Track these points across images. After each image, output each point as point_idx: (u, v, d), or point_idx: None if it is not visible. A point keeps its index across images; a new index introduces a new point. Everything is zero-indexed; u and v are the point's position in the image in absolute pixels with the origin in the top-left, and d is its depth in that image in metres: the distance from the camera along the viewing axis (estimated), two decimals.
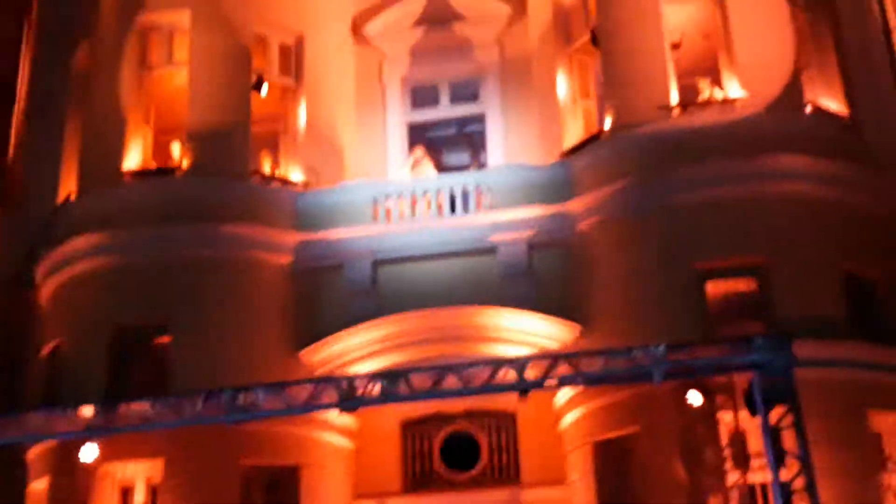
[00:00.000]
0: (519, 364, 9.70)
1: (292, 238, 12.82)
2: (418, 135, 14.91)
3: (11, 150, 16.08)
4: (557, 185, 12.47)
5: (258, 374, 11.41)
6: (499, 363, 9.81)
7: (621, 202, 11.90)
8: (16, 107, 16.66)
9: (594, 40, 13.09)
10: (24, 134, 16.03)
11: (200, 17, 13.54)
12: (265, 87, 13.69)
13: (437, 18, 15.13)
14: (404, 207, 12.88)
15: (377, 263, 12.67)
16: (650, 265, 11.59)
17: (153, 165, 13.36)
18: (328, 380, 10.16)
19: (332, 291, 12.66)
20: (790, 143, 11.62)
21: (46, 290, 13.22)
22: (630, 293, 11.66)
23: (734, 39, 12.28)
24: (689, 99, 12.44)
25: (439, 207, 12.83)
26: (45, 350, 12.89)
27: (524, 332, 12.00)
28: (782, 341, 9.35)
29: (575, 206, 12.33)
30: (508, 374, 9.65)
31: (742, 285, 11.40)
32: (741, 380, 9.81)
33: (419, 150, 14.14)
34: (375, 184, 13.21)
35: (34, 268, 13.38)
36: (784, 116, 11.90)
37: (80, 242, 12.72)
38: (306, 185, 13.48)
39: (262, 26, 13.88)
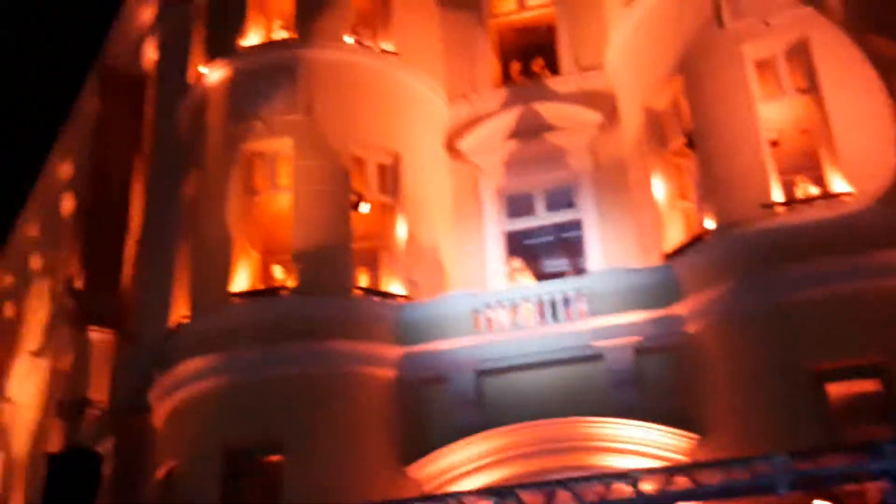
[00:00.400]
0: (633, 477, 9.38)
1: (396, 351, 12.96)
2: (516, 243, 15.03)
3: (126, 280, 16.87)
4: (662, 289, 12.35)
5: (367, 492, 11.40)
6: (612, 477, 9.51)
7: (730, 304, 11.66)
8: (128, 237, 17.58)
9: (690, 142, 13.09)
10: (137, 263, 16.81)
11: (302, 144, 14.10)
12: (365, 206, 14.12)
13: (529, 130, 15.41)
14: (505, 317, 12.91)
15: (481, 374, 12.67)
16: (765, 369, 11.23)
17: (260, 287, 13.75)
18: (436, 498, 10.02)
19: (437, 404, 12.68)
20: None
21: (160, 414, 13.56)
22: (746, 399, 11.30)
23: (835, 134, 12.09)
24: (792, 196, 12.25)
25: (541, 315, 12.81)
26: (160, 473, 13.14)
27: (636, 443, 11.70)
28: None
29: (681, 309, 12.15)
30: (623, 488, 9.34)
31: (864, 386, 10.92)
32: (873, 488, 9.26)
33: (516, 261, 14.22)
34: (476, 294, 13.28)
35: (148, 392, 13.78)
36: (893, 210, 11.59)
37: (191, 365, 13.08)
38: (407, 298, 13.67)
39: (360, 149, 14.37)
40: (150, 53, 19.75)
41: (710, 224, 12.47)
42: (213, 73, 15.15)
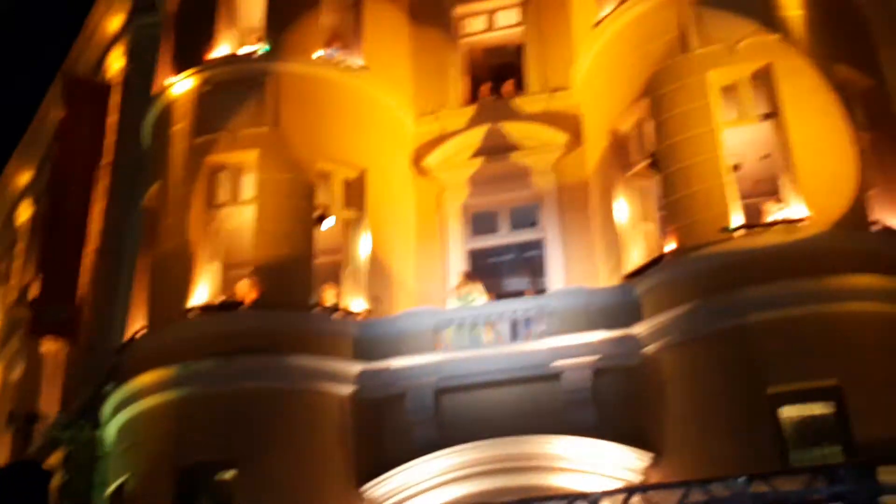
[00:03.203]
0: (593, 498, 9.50)
1: (355, 368, 12.96)
2: (479, 261, 15.13)
3: (83, 290, 16.75)
4: (621, 309, 12.45)
5: None
6: (573, 497, 9.62)
7: (688, 325, 11.79)
8: (87, 246, 17.48)
9: (653, 164, 13.25)
10: (95, 273, 16.72)
11: (267, 157, 14.12)
12: (329, 221, 14.15)
13: (495, 149, 15.56)
14: (466, 335, 12.98)
15: (440, 392, 12.69)
16: (721, 391, 11.36)
17: (220, 300, 13.70)
18: None
19: (395, 421, 12.69)
20: (857, 261, 11.45)
21: (112, 428, 13.46)
22: (702, 421, 11.40)
23: (795, 162, 12.29)
24: (753, 220, 12.41)
25: (501, 334, 12.88)
26: (111, 488, 13.03)
27: (593, 462, 11.76)
28: (865, 470, 9.02)
29: (640, 329, 12.26)
30: None
31: (819, 409, 11.06)
32: None
33: (461, 275, 14.33)
34: (437, 312, 13.34)
35: (101, 405, 13.67)
36: (850, 235, 11.78)
37: (146, 378, 13.00)
38: (368, 314, 13.71)
39: (326, 162, 14.40)
40: (117, 62, 19.74)
41: (670, 246, 12.63)
42: (179, 84, 15.13)
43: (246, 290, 13.59)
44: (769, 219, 12.28)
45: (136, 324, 14.46)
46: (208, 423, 12.49)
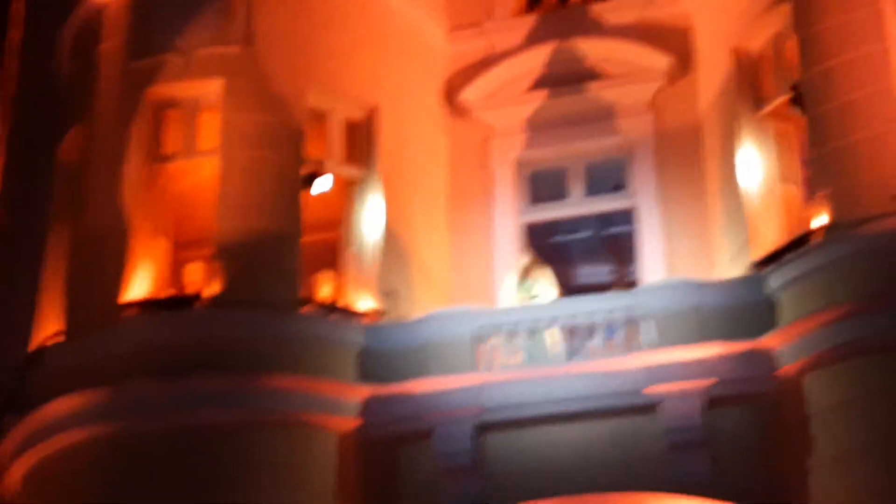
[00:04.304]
0: None
1: (360, 392, 13.02)
2: (540, 240, 15.23)
3: None
4: (746, 312, 12.43)
5: None
6: None
7: (848, 335, 11.71)
8: None
9: (798, 100, 13.19)
10: None
11: (236, 89, 14.16)
12: (325, 181, 14.24)
13: (565, 77, 15.61)
14: (520, 347, 12.99)
15: (482, 428, 12.73)
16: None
17: (167, 294, 13.77)
18: None
19: (417, 470, 12.79)
20: None
21: (14, 475, 13.55)
22: (861, 478, 11.36)
23: None
24: None
25: (572, 347, 12.89)
26: None
27: None
28: None
29: (774, 342, 12.20)
30: None
31: None
32: None
33: (527, 257, 14.36)
34: (479, 313, 13.34)
35: None
36: None
37: (62, 406, 13.03)
38: (380, 316, 13.77)
39: (322, 97, 14.45)
40: None
41: (821, 219, 12.54)
42: None
43: (204, 281, 13.66)
44: None
45: (48, 328, 14.54)
46: (151, 471, 12.56)
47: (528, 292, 13.91)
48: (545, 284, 14.06)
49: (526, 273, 14.14)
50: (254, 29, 14.51)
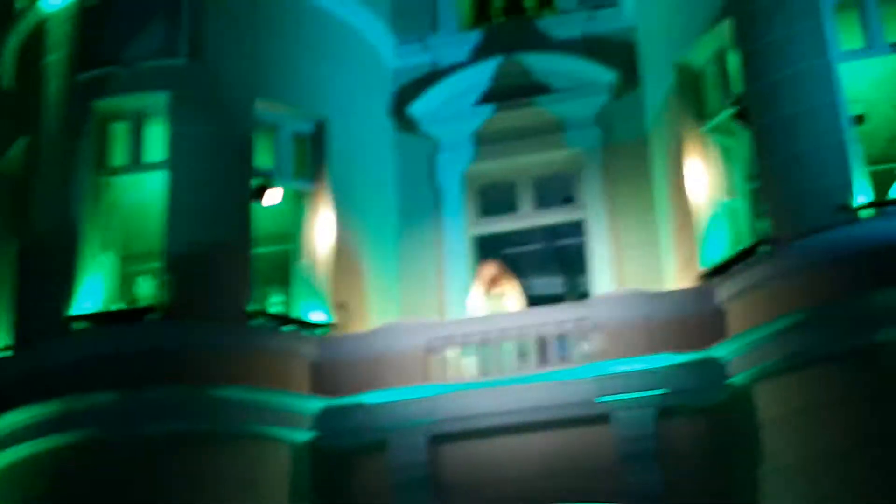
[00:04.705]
0: None
1: (313, 405, 13.02)
2: (489, 253, 15.12)
3: None
4: (697, 323, 12.50)
5: None
6: None
7: (796, 345, 11.79)
8: None
9: (741, 114, 13.26)
10: None
11: (184, 101, 14.05)
12: (274, 195, 14.13)
13: (512, 91, 15.65)
14: (473, 359, 13.03)
15: (436, 441, 12.76)
16: (848, 442, 11.35)
17: (117, 307, 13.64)
18: None
19: (372, 481, 12.75)
20: None
21: None
22: (818, 484, 11.40)
23: None
24: (885, 193, 12.48)
25: (524, 357, 12.91)
26: None
27: None
28: None
29: (724, 351, 12.28)
30: None
31: None
32: None
33: (492, 267, 14.32)
34: (431, 325, 13.36)
35: None
36: None
37: (12, 420, 12.93)
38: (332, 328, 13.75)
39: (270, 109, 14.38)
40: None
41: (769, 231, 12.65)
42: None
43: (154, 293, 13.54)
44: None
45: None
46: (102, 484, 12.42)
47: (496, 302, 13.85)
48: (512, 295, 14.03)
49: (493, 283, 14.12)
50: (200, 41, 14.42)
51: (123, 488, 12.40)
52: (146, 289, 14.00)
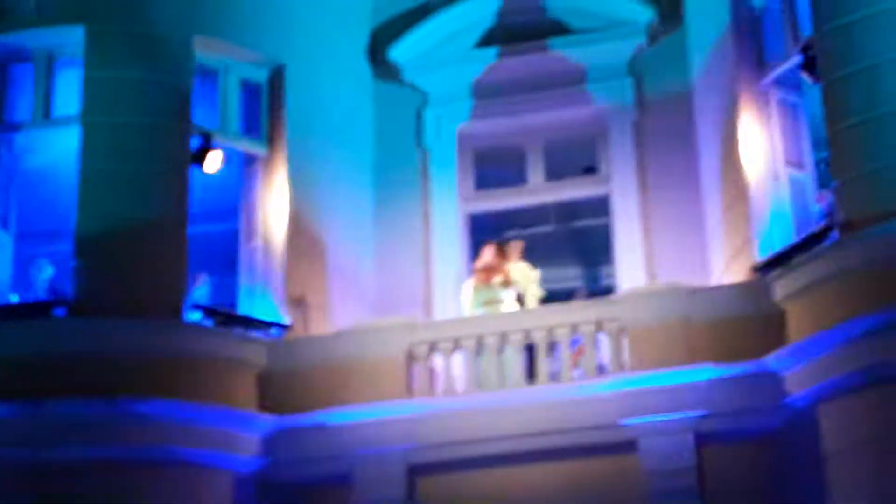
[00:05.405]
0: None
1: (261, 424, 13.06)
2: (488, 235, 15.10)
3: None
4: (748, 327, 12.53)
5: None
6: None
7: (870, 358, 11.73)
8: None
9: (808, 64, 13.30)
10: None
11: (102, 38, 14.05)
12: (216, 158, 14.13)
13: (522, 32, 15.71)
14: (465, 368, 13.04)
15: (414, 472, 12.81)
16: None
17: (15, 298, 13.71)
18: None
19: None
20: None
21: None
22: None
23: None
24: None
25: (530, 367, 12.96)
26: None
27: None
28: None
29: (782, 364, 12.30)
30: None
31: None
32: None
33: (488, 252, 14.34)
34: (412, 326, 13.35)
35: None
36: None
37: None
38: (286, 329, 13.80)
39: (213, 51, 14.40)
40: None
41: (839, 215, 12.67)
42: None
43: (62, 282, 13.55)
44: None
45: None
46: None
47: (490, 298, 13.92)
48: (516, 289, 14.06)
49: (487, 273, 14.11)
50: None
51: None
52: (45, 277, 14.00)
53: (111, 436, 12.68)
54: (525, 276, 14.21)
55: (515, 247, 14.59)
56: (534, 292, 14.21)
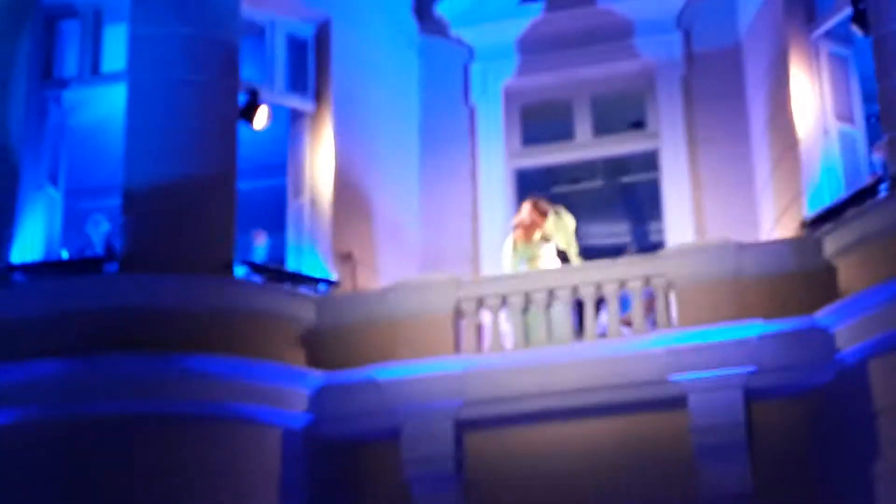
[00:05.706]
0: None
1: (310, 380, 13.12)
2: (535, 191, 15.09)
3: None
4: (798, 283, 12.51)
5: None
6: None
7: None
8: None
9: (861, 17, 13.13)
10: None
11: None
12: (262, 115, 14.16)
13: None
14: (514, 325, 13.04)
15: (464, 427, 12.84)
16: None
17: (63, 255, 13.75)
18: None
19: (382, 478, 12.87)
20: None
21: None
22: None
23: None
24: None
25: (578, 323, 12.95)
26: None
27: None
28: None
29: (833, 320, 12.24)
30: None
31: None
32: None
33: (527, 207, 14.31)
34: (460, 282, 13.35)
35: None
36: None
37: None
38: (334, 285, 13.85)
39: (259, 7, 14.40)
40: None
41: (892, 167, 12.56)
42: None
43: (112, 238, 13.61)
44: None
45: None
46: (45, 477, 12.51)
47: (536, 252, 13.90)
48: (556, 245, 14.04)
49: (527, 230, 14.09)
50: None
51: (67, 482, 12.51)
52: (101, 232, 14.04)
53: (161, 391, 12.73)
54: (563, 229, 14.08)
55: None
56: (572, 244, 14.08)
